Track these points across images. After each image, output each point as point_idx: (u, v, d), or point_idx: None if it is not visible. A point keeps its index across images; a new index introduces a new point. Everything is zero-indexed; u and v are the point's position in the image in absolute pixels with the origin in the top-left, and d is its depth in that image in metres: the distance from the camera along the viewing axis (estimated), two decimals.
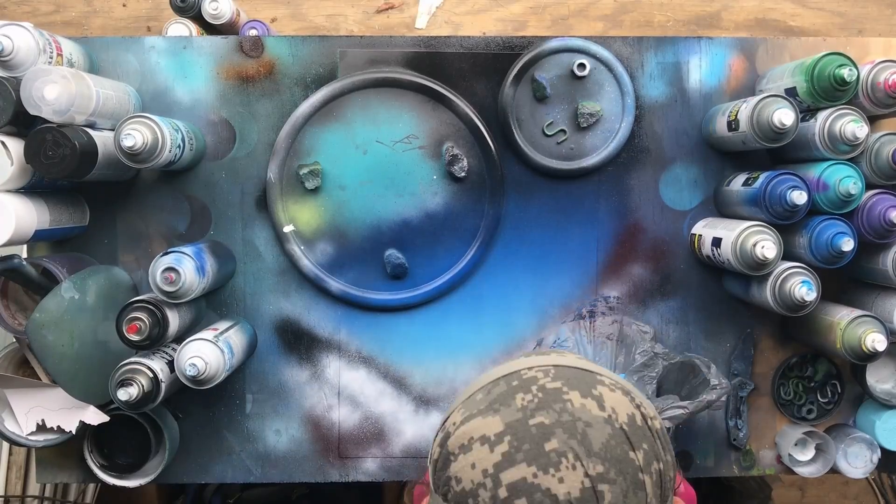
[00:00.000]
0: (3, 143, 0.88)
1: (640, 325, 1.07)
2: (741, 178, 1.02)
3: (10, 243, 0.90)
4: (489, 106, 1.06)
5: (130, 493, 1.40)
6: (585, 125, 1.05)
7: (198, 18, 1.39)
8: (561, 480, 0.48)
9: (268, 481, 1.08)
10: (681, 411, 0.97)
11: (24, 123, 0.90)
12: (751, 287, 0.99)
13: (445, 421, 0.55)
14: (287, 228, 1.05)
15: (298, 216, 1.06)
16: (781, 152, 1.02)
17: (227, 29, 1.41)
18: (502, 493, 0.48)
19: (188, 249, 0.93)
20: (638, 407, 0.53)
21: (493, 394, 0.53)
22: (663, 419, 0.97)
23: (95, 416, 0.98)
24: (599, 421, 0.51)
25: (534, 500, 0.48)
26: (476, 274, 1.08)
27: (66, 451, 1.06)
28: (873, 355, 0.93)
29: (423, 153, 1.06)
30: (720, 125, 1.01)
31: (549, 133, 1.06)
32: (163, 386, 0.92)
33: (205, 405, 1.07)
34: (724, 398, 0.99)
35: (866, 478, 1.77)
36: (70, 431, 0.98)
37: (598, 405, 0.51)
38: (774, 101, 0.92)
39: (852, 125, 0.91)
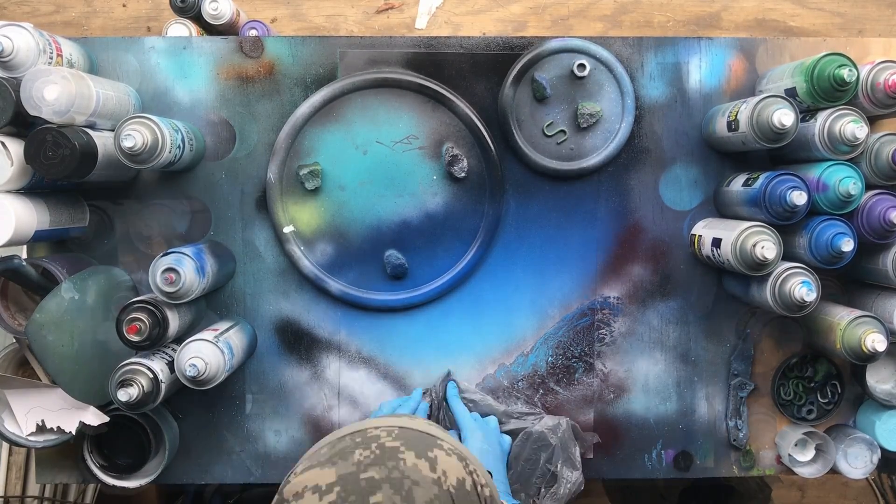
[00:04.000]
0: (3, 144, 0.88)
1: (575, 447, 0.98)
2: (741, 178, 1.02)
3: (10, 244, 0.90)
4: (489, 106, 1.06)
5: (130, 494, 1.41)
6: (585, 125, 1.05)
7: (198, 19, 1.39)
8: None
9: (268, 481, 1.08)
10: None
11: (24, 124, 0.90)
12: (751, 287, 0.99)
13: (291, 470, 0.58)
14: (287, 229, 1.05)
15: (298, 216, 1.06)
16: (781, 153, 1.02)
17: (227, 29, 1.41)
18: None
19: (188, 250, 0.93)
20: (471, 473, 0.56)
21: (336, 448, 0.56)
22: None
23: (95, 417, 0.98)
24: (428, 481, 0.53)
25: None
26: (476, 274, 1.08)
27: (65, 451, 1.06)
28: (873, 355, 0.93)
29: (423, 153, 1.06)
30: (720, 125, 1.01)
31: (549, 133, 1.06)
32: (163, 386, 0.92)
33: (205, 405, 1.07)
34: (573, 490, 0.92)
35: (866, 478, 1.77)
36: (70, 432, 0.98)
37: (430, 466, 0.54)
38: (774, 102, 0.92)
39: (852, 125, 0.91)
